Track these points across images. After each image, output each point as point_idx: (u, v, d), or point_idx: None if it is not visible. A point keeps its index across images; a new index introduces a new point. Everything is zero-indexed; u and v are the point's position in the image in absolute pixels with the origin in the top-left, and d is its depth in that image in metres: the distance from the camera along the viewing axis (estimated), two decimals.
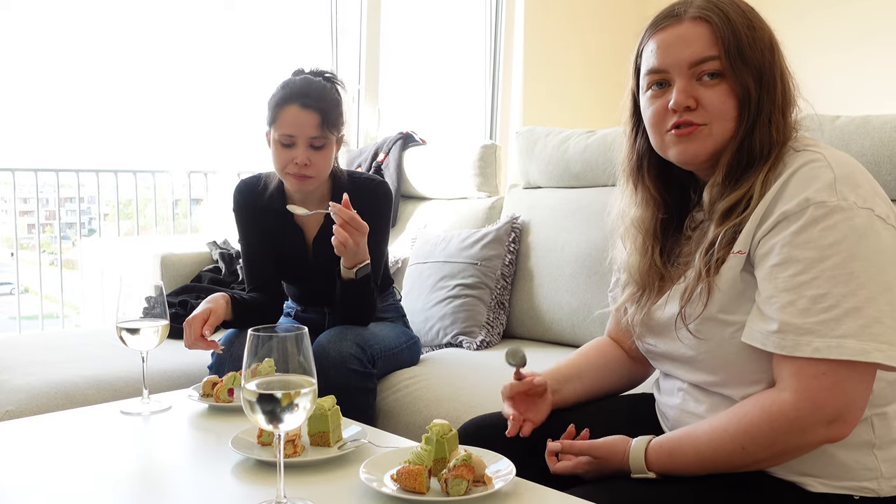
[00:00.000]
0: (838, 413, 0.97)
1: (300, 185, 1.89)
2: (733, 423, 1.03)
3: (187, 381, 1.99)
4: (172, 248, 2.89)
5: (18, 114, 3.97)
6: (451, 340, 2.33)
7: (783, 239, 1.00)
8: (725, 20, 1.07)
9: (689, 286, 1.09)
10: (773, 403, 1.00)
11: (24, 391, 1.86)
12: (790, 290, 0.99)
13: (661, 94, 1.11)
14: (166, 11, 3.91)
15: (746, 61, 1.06)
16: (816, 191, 0.99)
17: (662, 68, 1.10)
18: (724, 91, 1.07)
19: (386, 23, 3.72)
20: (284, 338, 0.95)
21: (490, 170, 2.82)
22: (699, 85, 1.08)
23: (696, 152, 1.10)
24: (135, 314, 1.46)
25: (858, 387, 0.98)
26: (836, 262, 0.97)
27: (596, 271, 2.21)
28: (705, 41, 1.07)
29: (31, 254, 4.16)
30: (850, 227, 0.97)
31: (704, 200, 1.12)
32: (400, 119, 3.80)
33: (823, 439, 0.99)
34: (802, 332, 0.97)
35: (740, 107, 1.07)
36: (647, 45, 1.12)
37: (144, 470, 1.23)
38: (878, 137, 1.75)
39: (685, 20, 1.09)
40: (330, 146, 1.87)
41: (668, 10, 1.11)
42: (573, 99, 4.30)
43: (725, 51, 1.06)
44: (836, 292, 0.96)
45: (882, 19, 3.89)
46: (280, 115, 1.84)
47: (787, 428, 0.99)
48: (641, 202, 1.21)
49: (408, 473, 1.03)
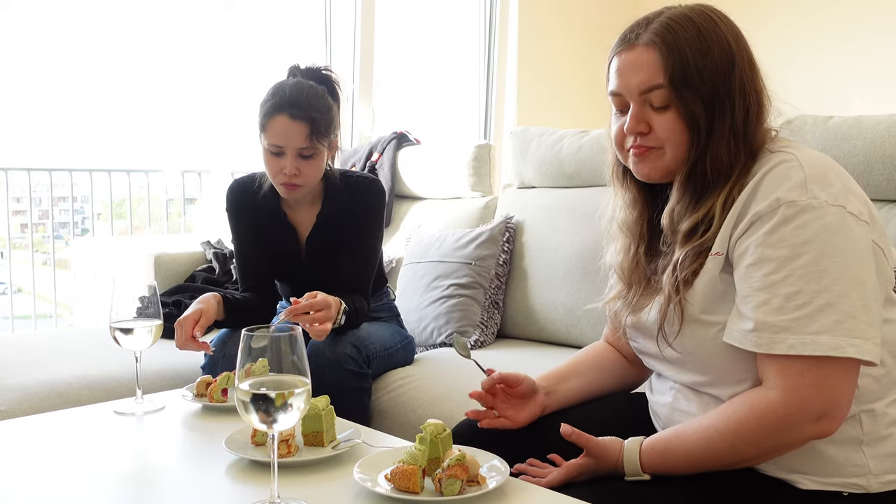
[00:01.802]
0: (825, 409, 0.99)
1: (290, 193, 1.88)
2: (722, 421, 1.04)
3: (181, 381, 1.99)
4: (166, 248, 2.88)
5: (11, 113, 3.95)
6: (446, 340, 2.33)
7: (756, 239, 1.02)
8: (674, 46, 1.07)
9: (663, 307, 1.11)
10: (761, 401, 1.01)
11: (17, 391, 1.86)
12: (764, 289, 1.00)
13: (622, 116, 1.14)
14: (161, 12, 3.90)
15: (694, 88, 1.07)
16: (787, 190, 1.01)
17: (618, 91, 1.13)
18: (672, 118, 1.09)
19: (380, 22, 3.72)
20: (278, 337, 0.95)
21: (484, 170, 2.82)
22: (651, 111, 1.10)
23: (650, 173, 1.14)
24: (128, 314, 1.45)
25: (843, 382, 0.99)
26: (809, 260, 0.98)
27: (590, 271, 2.22)
28: (652, 69, 1.08)
29: (24, 253, 4.14)
30: (821, 225, 0.99)
31: (664, 224, 1.14)
32: (394, 119, 3.81)
33: (811, 435, 1.01)
34: (777, 329, 0.99)
35: (689, 132, 1.09)
36: (611, 65, 1.15)
37: (138, 470, 1.23)
38: (870, 137, 1.76)
39: (638, 46, 1.10)
40: (320, 155, 1.86)
41: (626, 33, 1.13)
42: (567, 99, 4.31)
43: (670, 80, 1.07)
44: (808, 289, 0.98)
45: (873, 18, 3.90)
46: (269, 125, 1.81)
47: (775, 426, 1.00)
48: (628, 203, 1.24)
49: (402, 473, 1.03)
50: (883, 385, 1.06)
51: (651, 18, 1.11)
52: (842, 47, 3.96)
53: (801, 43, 3.88)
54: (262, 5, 3.90)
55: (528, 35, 4.14)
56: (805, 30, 3.96)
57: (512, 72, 4.14)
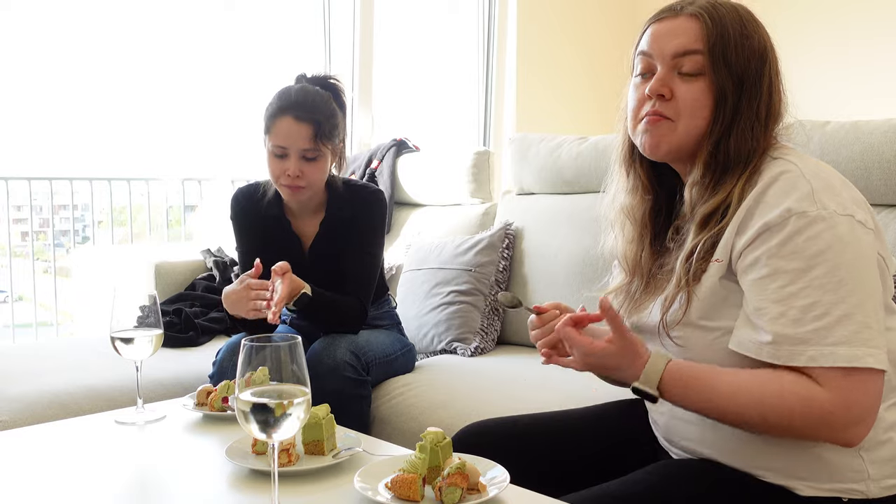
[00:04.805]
0: (864, 414, 0.98)
1: (293, 195, 1.89)
2: (757, 387, 1.01)
3: (182, 390, 1.99)
4: (166, 256, 2.88)
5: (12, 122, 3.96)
6: (446, 347, 2.33)
7: (768, 251, 1.02)
8: (718, 21, 1.10)
9: (670, 294, 1.10)
10: (808, 391, 0.98)
11: (18, 401, 1.86)
12: (780, 301, 1.00)
13: (643, 84, 1.14)
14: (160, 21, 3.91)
15: (729, 64, 1.09)
16: (796, 200, 1.01)
17: (648, 52, 1.14)
18: (701, 88, 1.10)
19: (379, 30, 3.73)
20: (278, 347, 0.96)
21: (483, 176, 2.83)
22: (678, 78, 1.11)
23: (659, 143, 1.13)
24: (129, 323, 1.46)
25: (876, 387, 0.99)
26: (824, 271, 0.98)
27: (590, 277, 2.22)
28: (692, 36, 1.10)
29: (25, 262, 4.15)
30: (833, 236, 0.99)
31: (686, 199, 1.14)
32: (393, 126, 3.81)
33: (843, 440, 1.00)
34: (796, 342, 0.99)
35: (715, 107, 1.10)
36: (645, 32, 1.16)
37: (139, 480, 1.23)
38: (867, 142, 1.76)
39: (681, 16, 1.12)
40: (323, 158, 1.87)
41: (670, 4, 1.15)
42: (566, 105, 4.32)
43: (709, 49, 1.09)
44: (825, 301, 0.98)
45: (871, 23, 3.91)
46: (274, 127, 1.84)
47: (818, 422, 0.98)
48: (632, 189, 1.24)
49: (402, 482, 1.04)
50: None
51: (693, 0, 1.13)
52: (839, 52, 3.97)
53: (799, 47, 3.89)
54: (261, 15, 3.91)
55: (527, 42, 4.15)
56: (802, 34, 3.97)
57: (511, 78, 4.15)
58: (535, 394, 1.85)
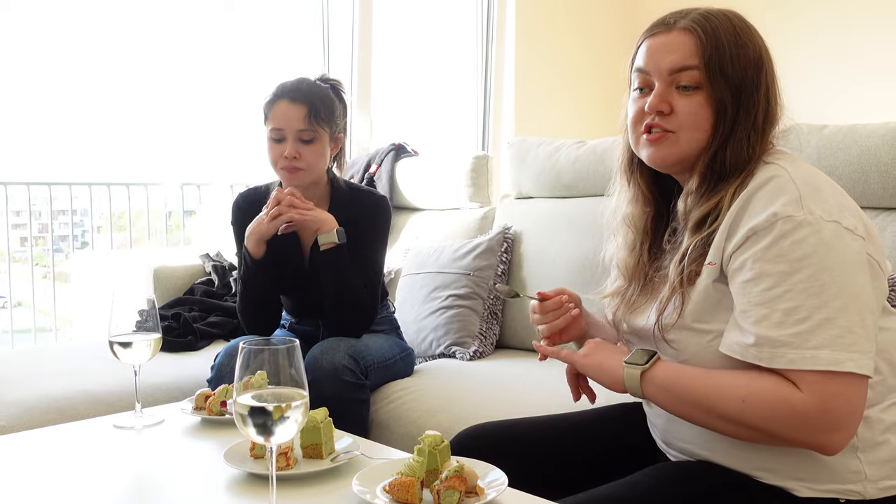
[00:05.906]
0: (844, 421, 0.98)
1: (292, 178, 1.91)
2: (741, 388, 1.02)
3: (180, 394, 1.99)
4: (165, 261, 2.89)
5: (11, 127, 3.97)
6: (445, 351, 2.33)
7: (755, 254, 1.02)
8: (711, 33, 1.10)
9: (665, 298, 1.11)
10: (787, 392, 0.99)
11: (17, 406, 1.86)
12: (764, 304, 1.01)
13: (642, 98, 1.15)
14: (159, 26, 3.92)
15: (726, 76, 1.09)
16: (783, 205, 1.02)
17: (645, 69, 1.14)
18: (700, 102, 1.11)
19: (377, 34, 3.74)
20: (276, 350, 0.96)
21: (482, 180, 2.83)
22: (676, 93, 1.12)
23: (663, 157, 1.14)
24: (127, 327, 1.46)
25: (858, 394, 0.99)
26: (807, 275, 0.99)
27: (588, 281, 2.21)
28: (687, 51, 1.11)
29: (24, 267, 4.15)
30: (818, 240, 1.00)
31: (679, 209, 1.15)
32: (392, 130, 3.81)
33: (817, 444, 1.00)
34: (778, 344, 0.99)
35: (715, 119, 1.11)
36: (640, 48, 1.17)
37: (138, 484, 1.23)
38: (865, 146, 1.77)
39: (674, 30, 1.13)
40: (320, 141, 1.90)
41: (662, 19, 1.16)
42: (564, 109, 4.32)
43: (705, 63, 1.09)
44: (808, 304, 0.98)
45: (868, 27, 3.92)
46: (271, 111, 1.90)
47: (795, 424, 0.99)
48: (633, 199, 1.25)
49: (400, 485, 1.04)
50: (877, 392, 1.07)
51: (687, 11, 1.14)
52: (837, 55, 3.98)
53: (796, 51, 3.90)
54: (259, 20, 3.91)
55: (526, 46, 4.16)
56: (799, 38, 3.98)
57: (509, 82, 4.15)
58: (533, 397, 1.85)
